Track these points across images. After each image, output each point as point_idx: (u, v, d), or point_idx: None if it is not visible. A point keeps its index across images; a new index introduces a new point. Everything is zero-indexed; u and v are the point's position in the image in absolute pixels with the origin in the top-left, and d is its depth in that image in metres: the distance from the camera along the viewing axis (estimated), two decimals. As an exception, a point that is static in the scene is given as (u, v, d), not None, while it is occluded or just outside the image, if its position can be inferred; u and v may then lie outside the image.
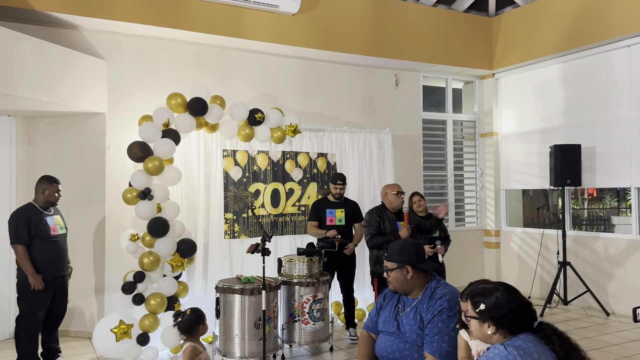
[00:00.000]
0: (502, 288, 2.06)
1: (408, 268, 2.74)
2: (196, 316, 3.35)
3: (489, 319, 2.01)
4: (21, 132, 5.67)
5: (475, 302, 2.05)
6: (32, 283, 4.27)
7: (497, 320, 1.99)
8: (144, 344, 4.72)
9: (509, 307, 2.00)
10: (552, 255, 7.02)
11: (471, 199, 8.17)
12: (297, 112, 6.43)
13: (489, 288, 2.07)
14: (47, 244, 4.42)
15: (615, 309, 6.36)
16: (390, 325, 2.78)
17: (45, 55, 4.88)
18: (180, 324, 3.29)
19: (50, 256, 4.44)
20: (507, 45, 7.58)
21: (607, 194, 8.64)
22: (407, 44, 7.11)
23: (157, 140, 4.93)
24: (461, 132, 8.26)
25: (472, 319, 2.07)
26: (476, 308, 2.04)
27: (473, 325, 2.07)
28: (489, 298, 2.03)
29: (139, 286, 4.75)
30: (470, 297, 2.09)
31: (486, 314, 2.01)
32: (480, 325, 2.04)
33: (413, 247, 2.82)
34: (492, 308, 2.00)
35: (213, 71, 6.18)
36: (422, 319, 2.66)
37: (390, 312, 2.82)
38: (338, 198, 5.51)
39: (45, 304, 4.43)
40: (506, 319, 1.98)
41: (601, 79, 6.59)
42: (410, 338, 2.66)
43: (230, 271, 5.61)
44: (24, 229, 4.32)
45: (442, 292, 2.70)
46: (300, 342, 4.80)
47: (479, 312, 2.03)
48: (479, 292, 2.08)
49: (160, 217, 4.82)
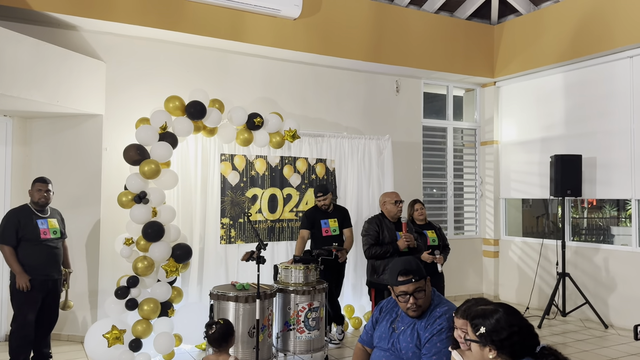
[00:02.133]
0: (503, 310, 1.99)
1: (428, 280, 2.71)
2: (229, 329, 3.26)
3: (489, 342, 1.93)
4: (17, 133, 5.62)
5: (475, 324, 1.98)
6: (18, 282, 4.24)
7: (498, 344, 1.92)
8: (137, 350, 4.65)
9: (509, 331, 1.92)
10: (551, 266, 6.96)
11: (470, 207, 8.12)
12: (297, 117, 6.37)
13: (489, 310, 2.00)
14: (36, 247, 4.36)
15: (613, 321, 6.30)
16: (385, 341, 2.71)
17: (42, 56, 4.83)
18: (214, 334, 3.19)
19: (39, 259, 4.38)
20: (508, 53, 7.54)
21: (607, 203, 8.59)
22: (409, 51, 7.07)
23: (154, 144, 4.88)
24: (461, 139, 8.21)
25: (472, 343, 2.00)
26: (476, 331, 1.96)
27: (473, 349, 2.00)
28: (489, 320, 1.96)
29: (132, 291, 4.68)
30: (470, 320, 2.02)
31: (487, 338, 1.94)
32: (480, 349, 1.97)
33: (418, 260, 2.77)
34: (492, 331, 1.93)
35: (212, 74, 6.13)
36: (419, 337, 2.59)
37: (386, 329, 2.76)
38: (326, 209, 5.50)
39: (34, 307, 4.36)
40: (507, 342, 1.91)
41: (603, 89, 6.55)
42: (406, 355, 2.60)
43: (225, 277, 5.54)
44: (11, 229, 4.29)
45: (442, 310, 2.64)
46: (295, 351, 4.73)
47: (480, 336, 1.95)
48: (478, 314, 2.00)
49: (156, 221, 4.76)
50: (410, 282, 2.63)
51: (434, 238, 5.31)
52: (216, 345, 3.20)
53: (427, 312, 2.67)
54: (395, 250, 4.78)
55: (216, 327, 3.20)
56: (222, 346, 3.20)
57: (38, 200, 4.44)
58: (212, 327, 3.21)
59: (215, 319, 3.34)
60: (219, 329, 3.20)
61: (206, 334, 3.22)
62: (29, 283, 4.27)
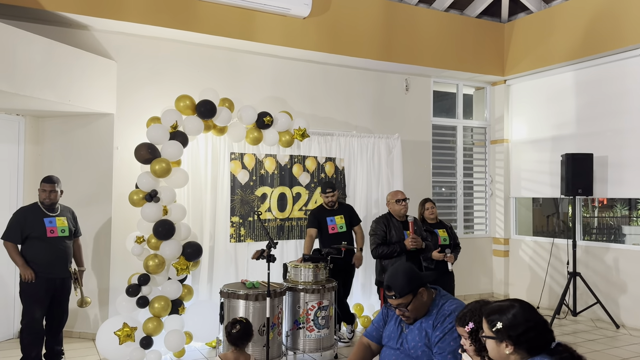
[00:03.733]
0: (518, 305, 1.96)
1: (422, 291, 2.65)
2: (250, 329, 3.29)
3: (506, 338, 1.90)
4: (29, 132, 5.67)
5: (491, 320, 1.95)
6: (23, 274, 4.28)
7: (515, 339, 1.89)
8: (147, 347, 4.68)
9: (526, 325, 1.90)
10: (561, 265, 6.91)
11: (480, 206, 8.09)
12: (306, 116, 6.38)
13: (505, 305, 1.97)
14: (43, 245, 4.40)
15: (625, 321, 6.25)
16: (394, 341, 2.71)
17: (55, 55, 4.88)
18: (238, 332, 3.20)
19: (47, 257, 4.41)
20: (519, 51, 7.49)
21: (618, 202, 8.52)
22: (418, 49, 7.05)
23: (165, 142, 4.90)
24: (471, 138, 8.17)
25: (488, 339, 1.96)
26: (492, 327, 1.93)
27: (489, 346, 1.96)
28: (505, 316, 1.93)
29: (143, 289, 4.71)
30: (485, 316, 1.99)
31: (503, 333, 1.91)
32: (497, 345, 1.93)
33: (412, 268, 2.71)
34: (509, 326, 1.90)
35: (222, 74, 6.15)
36: (427, 335, 2.58)
37: (395, 328, 2.75)
38: (332, 206, 5.50)
39: (42, 305, 4.40)
40: (523, 337, 1.88)
41: (614, 87, 6.49)
42: (415, 354, 2.59)
43: (235, 275, 5.57)
44: (16, 227, 4.35)
45: (450, 308, 2.62)
46: (304, 350, 4.74)
47: (496, 331, 1.92)
48: (494, 309, 1.97)
49: (166, 220, 4.79)
50: (392, 298, 2.63)
51: (445, 237, 5.30)
52: (239, 344, 3.22)
53: (433, 310, 2.64)
54: (403, 249, 4.76)
55: (240, 325, 3.22)
56: (243, 345, 3.23)
57: (43, 201, 4.47)
58: (235, 325, 3.23)
59: (237, 318, 3.34)
60: (243, 328, 3.22)
61: (229, 333, 3.23)
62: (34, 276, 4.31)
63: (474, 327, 2.10)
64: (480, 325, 2.09)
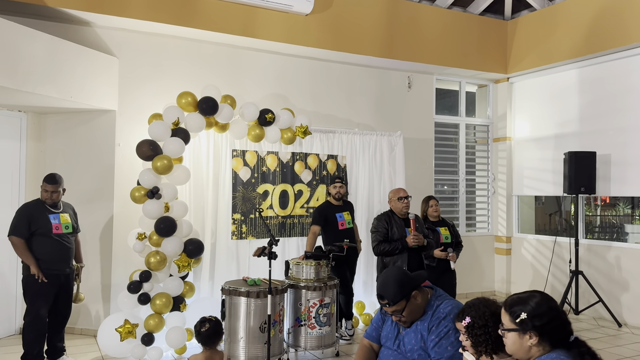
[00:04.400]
0: (540, 295, 1.90)
1: (415, 294, 2.61)
2: (220, 327, 3.29)
3: (530, 328, 1.82)
4: (31, 128, 5.67)
5: (514, 311, 1.86)
6: (36, 272, 4.27)
7: (540, 329, 1.82)
8: (149, 344, 4.69)
9: (551, 314, 1.83)
10: (563, 264, 6.90)
11: (482, 204, 8.07)
12: (308, 113, 6.37)
13: (526, 296, 1.90)
14: (48, 241, 4.40)
15: (627, 320, 6.24)
16: (391, 342, 2.69)
17: (57, 52, 4.87)
18: (207, 331, 3.19)
19: (52, 254, 4.43)
20: (522, 49, 7.46)
21: (621, 201, 8.49)
22: (421, 46, 7.02)
23: (167, 139, 4.90)
24: (474, 136, 8.15)
25: (509, 332, 1.88)
26: (516, 318, 1.85)
27: (510, 339, 1.87)
28: (529, 305, 1.86)
29: (145, 285, 4.72)
30: (507, 308, 1.91)
31: (528, 323, 1.83)
32: (519, 338, 1.84)
33: (403, 273, 2.68)
34: (534, 316, 1.83)
35: (224, 70, 6.14)
36: (423, 338, 2.54)
37: (392, 329, 2.73)
38: (339, 198, 5.51)
39: (48, 301, 4.42)
40: (548, 327, 1.82)
41: (618, 85, 6.46)
42: (412, 357, 2.56)
43: (237, 272, 5.56)
44: (23, 222, 4.34)
45: (445, 310, 2.58)
46: (306, 347, 4.74)
47: (520, 322, 1.84)
48: (515, 301, 1.90)
49: (168, 217, 4.78)
50: (386, 306, 2.61)
51: (447, 235, 5.29)
52: (209, 343, 3.20)
53: (428, 311, 2.61)
54: (404, 247, 4.75)
55: (209, 324, 3.20)
56: (214, 344, 3.21)
57: (45, 200, 4.48)
58: (204, 324, 3.20)
59: (207, 317, 3.31)
60: (212, 327, 3.20)
61: (198, 332, 3.20)
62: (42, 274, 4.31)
63: (471, 322, 2.10)
64: (477, 320, 2.08)
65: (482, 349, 2.06)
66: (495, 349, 2.06)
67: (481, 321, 2.08)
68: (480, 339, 2.06)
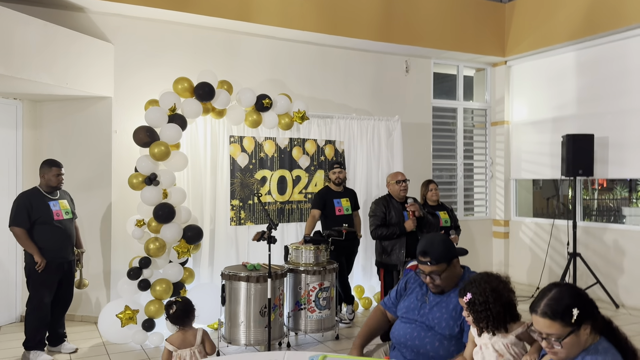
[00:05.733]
0: (564, 286, 1.84)
1: (456, 262, 2.61)
2: (189, 306, 3.35)
3: (585, 320, 1.74)
4: (27, 116, 5.64)
5: (565, 314, 1.73)
6: (39, 261, 4.26)
7: (591, 315, 1.75)
8: (150, 329, 4.71)
9: (586, 296, 1.79)
10: (561, 246, 6.93)
11: (480, 189, 8.08)
12: (305, 99, 6.34)
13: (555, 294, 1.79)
14: (50, 229, 4.40)
15: (624, 301, 6.28)
16: (414, 312, 2.65)
17: (51, 38, 4.83)
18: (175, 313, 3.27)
19: (55, 241, 4.42)
20: (520, 32, 7.43)
21: (618, 184, 8.51)
22: (418, 30, 6.98)
23: (164, 125, 4.88)
24: (472, 120, 8.14)
25: (566, 339, 1.73)
26: (571, 318, 1.72)
27: (568, 344, 1.73)
28: (572, 300, 1.76)
29: (144, 272, 4.73)
30: (552, 316, 1.75)
31: (582, 317, 1.73)
32: (577, 337, 1.73)
33: (449, 240, 2.70)
34: (584, 306, 1.75)
35: (220, 56, 6.10)
36: (455, 308, 2.51)
37: (415, 300, 2.69)
38: (339, 184, 5.50)
39: (52, 289, 4.43)
40: (594, 309, 1.77)
41: (616, 67, 6.44)
42: (439, 326, 2.53)
43: (236, 258, 5.57)
44: (23, 212, 4.31)
45: None
46: (306, 330, 4.77)
47: (577, 320, 1.72)
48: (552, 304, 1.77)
49: (167, 203, 4.78)
50: (426, 265, 2.57)
51: (446, 219, 5.31)
52: (180, 323, 3.28)
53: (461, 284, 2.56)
54: (402, 231, 4.76)
55: (177, 306, 3.28)
56: (185, 323, 3.29)
57: (57, 185, 4.48)
58: (172, 306, 3.29)
59: (174, 299, 3.40)
60: (179, 307, 3.28)
61: (167, 315, 3.30)
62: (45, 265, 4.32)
63: (472, 298, 2.10)
64: (477, 297, 2.08)
65: (482, 325, 2.07)
66: (497, 325, 2.06)
67: (482, 297, 2.08)
68: (481, 315, 2.06)
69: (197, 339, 3.24)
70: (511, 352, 2.03)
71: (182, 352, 3.18)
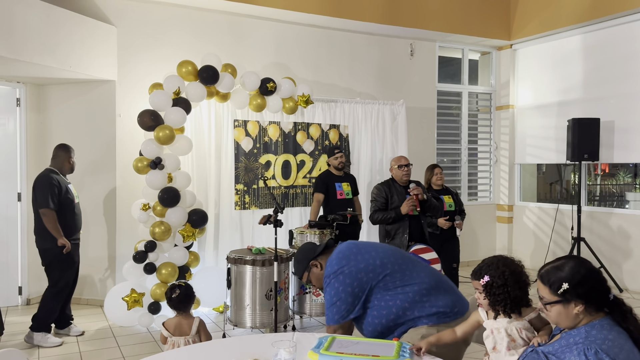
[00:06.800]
0: (574, 260, 1.86)
1: (314, 264, 2.73)
2: (191, 292, 3.33)
3: (574, 297, 1.78)
4: (31, 100, 5.61)
5: (554, 283, 1.81)
6: (65, 244, 4.28)
7: (585, 296, 1.77)
8: (156, 312, 4.74)
9: (592, 279, 1.80)
10: (565, 231, 6.93)
11: (484, 173, 8.06)
12: (309, 83, 6.30)
13: (560, 264, 1.85)
14: (70, 211, 4.46)
15: (628, 285, 6.30)
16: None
17: (54, 20, 4.78)
18: (178, 297, 3.24)
19: (74, 223, 4.52)
20: (526, 15, 7.34)
21: (621, 170, 8.48)
22: (423, 12, 6.90)
23: (168, 109, 4.86)
24: (476, 104, 8.09)
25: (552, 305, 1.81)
26: (558, 289, 1.79)
27: (555, 311, 1.81)
28: (568, 274, 1.80)
29: (150, 255, 4.74)
30: (546, 281, 1.84)
31: (572, 293, 1.78)
32: (564, 308, 1.79)
33: (302, 248, 2.80)
34: (576, 284, 1.78)
35: (224, 39, 6.04)
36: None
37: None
38: (342, 168, 5.45)
39: (74, 269, 4.53)
40: (593, 292, 1.78)
41: (623, 51, 6.38)
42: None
43: (240, 242, 5.58)
44: (54, 194, 4.29)
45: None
46: (311, 314, 4.80)
47: (563, 293, 1.79)
48: (552, 271, 1.84)
49: (171, 187, 4.78)
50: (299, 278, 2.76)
51: (451, 203, 5.28)
52: (181, 308, 3.24)
53: None
54: (399, 215, 4.70)
55: (180, 290, 3.25)
56: (185, 308, 3.25)
57: (72, 169, 4.56)
58: (174, 290, 3.25)
59: (176, 282, 3.37)
60: (183, 292, 3.24)
61: (169, 298, 3.25)
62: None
63: (489, 281, 2.08)
64: (496, 279, 2.07)
65: (499, 308, 2.06)
66: (513, 308, 2.06)
67: (500, 280, 2.06)
68: (499, 297, 2.05)
69: (193, 328, 3.18)
70: (523, 336, 2.03)
71: (177, 340, 3.13)
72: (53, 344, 4.34)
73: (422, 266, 2.62)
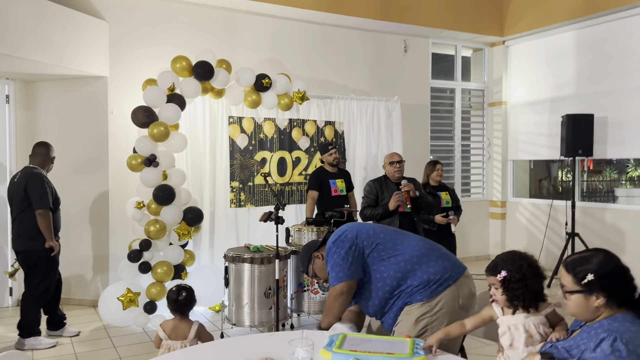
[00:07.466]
0: (603, 253, 1.84)
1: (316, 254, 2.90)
2: (194, 296, 3.20)
3: (597, 289, 1.75)
4: (20, 96, 5.49)
5: (578, 272, 1.79)
6: (53, 246, 4.20)
7: (608, 289, 1.75)
8: (151, 312, 4.67)
9: (618, 274, 1.78)
10: (558, 227, 6.96)
11: (477, 170, 8.08)
12: (304, 79, 6.24)
13: (588, 255, 1.83)
14: (58, 211, 4.39)
15: (622, 280, 6.34)
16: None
17: (45, 15, 4.67)
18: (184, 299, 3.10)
19: (59, 223, 4.43)
20: (519, 10, 7.36)
21: (606, 166, 8.56)
22: (417, 8, 6.88)
23: (162, 105, 4.77)
24: (469, 101, 8.10)
25: (572, 294, 1.79)
26: (582, 279, 1.77)
27: (574, 301, 1.79)
28: (594, 265, 1.78)
29: (145, 254, 4.67)
30: (570, 269, 1.81)
31: (595, 284, 1.75)
32: (585, 299, 1.77)
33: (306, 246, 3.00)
34: (601, 277, 1.75)
35: (218, 34, 5.96)
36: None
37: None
38: (336, 164, 5.41)
39: (57, 270, 4.43)
40: (617, 287, 1.76)
41: (616, 46, 6.41)
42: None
43: (236, 240, 5.52)
44: (49, 193, 4.22)
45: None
46: (309, 312, 4.75)
47: (587, 284, 1.76)
48: (578, 261, 1.82)
49: (166, 185, 4.70)
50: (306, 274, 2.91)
51: (448, 200, 5.28)
52: (184, 311, 3.11)
53: None
54: (386, 211, 4.67)
55: (186, 292, 3.11)
56: (187, 311, 3.14)
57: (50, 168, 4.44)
58: (181, 292, 3.10)
59: (181, 285, 3.22)
60: (188, 295, 3.12)
61: (175, 300, 3.10)
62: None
63: (507, 276, 2.06)
64: (514, 274, 2.05)
65: (518, 303, 2.04)
66: (532, 302, 2.03)
67: (518, 274, 2.04)
68: (517, 292, 2.02)
69: (191, 333, 3.03)
70: (540, 332, 2.00)
71: (174, 344, 2.98)
72: (47, 345, 4.24)
73: (414, 237, 2.74)
